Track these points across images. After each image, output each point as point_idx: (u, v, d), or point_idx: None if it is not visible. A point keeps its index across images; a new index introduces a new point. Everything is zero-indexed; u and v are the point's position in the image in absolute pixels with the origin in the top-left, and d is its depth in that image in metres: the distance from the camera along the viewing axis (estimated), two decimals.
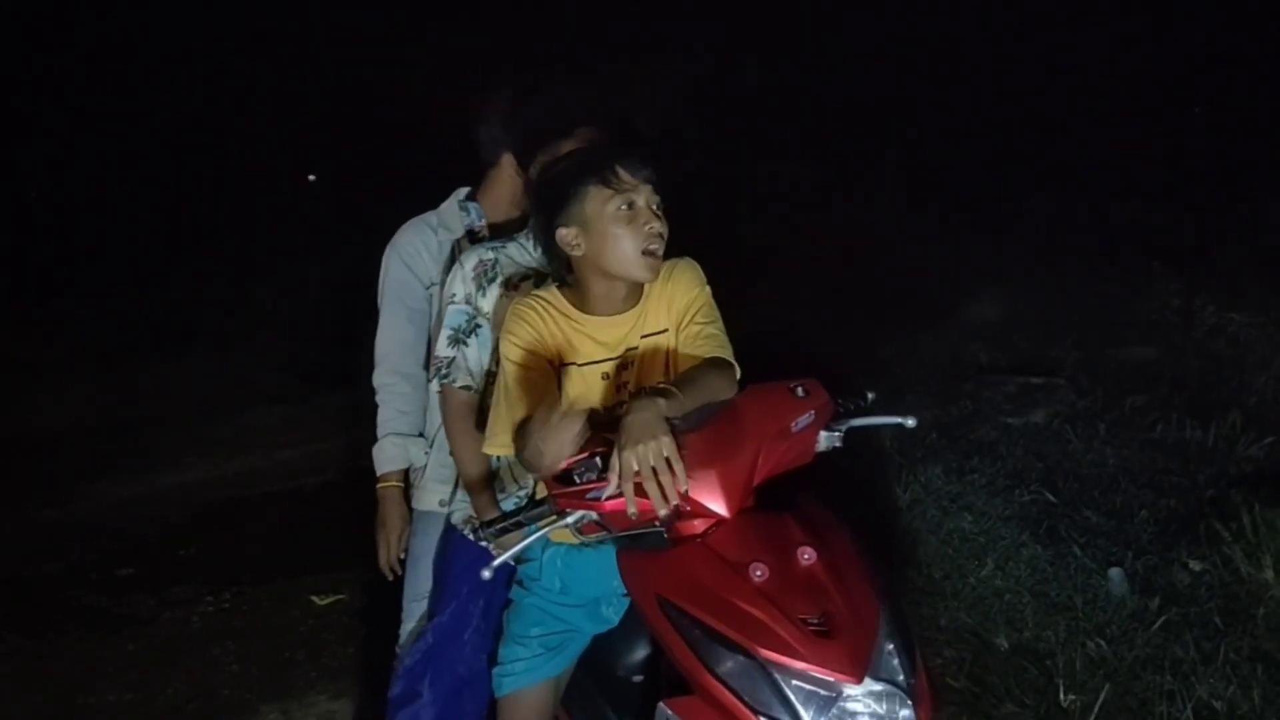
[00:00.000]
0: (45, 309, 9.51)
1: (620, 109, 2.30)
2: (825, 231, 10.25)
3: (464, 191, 2.56)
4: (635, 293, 2.03)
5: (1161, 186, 10.36)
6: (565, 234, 1.95)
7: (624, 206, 1.92)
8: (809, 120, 13.34)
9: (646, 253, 1.94)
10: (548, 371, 1.99)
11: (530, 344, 1.98)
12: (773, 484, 1.80)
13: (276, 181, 13.56)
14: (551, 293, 2.04)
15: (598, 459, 1.72)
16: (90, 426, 6.81)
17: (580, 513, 1.72)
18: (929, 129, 12.67)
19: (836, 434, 1.91)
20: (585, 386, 2.00)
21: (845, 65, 13.52)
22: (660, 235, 1.94)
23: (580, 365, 2.00)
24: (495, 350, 2.17)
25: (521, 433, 1.88)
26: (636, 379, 2.01)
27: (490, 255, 2.22)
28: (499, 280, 2.21)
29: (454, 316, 2.21)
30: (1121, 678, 3.11)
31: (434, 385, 2.26)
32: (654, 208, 1.95)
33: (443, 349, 2.21)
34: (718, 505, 1.69)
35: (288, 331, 8.94)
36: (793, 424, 1.80)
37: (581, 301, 2.02)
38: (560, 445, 1.70)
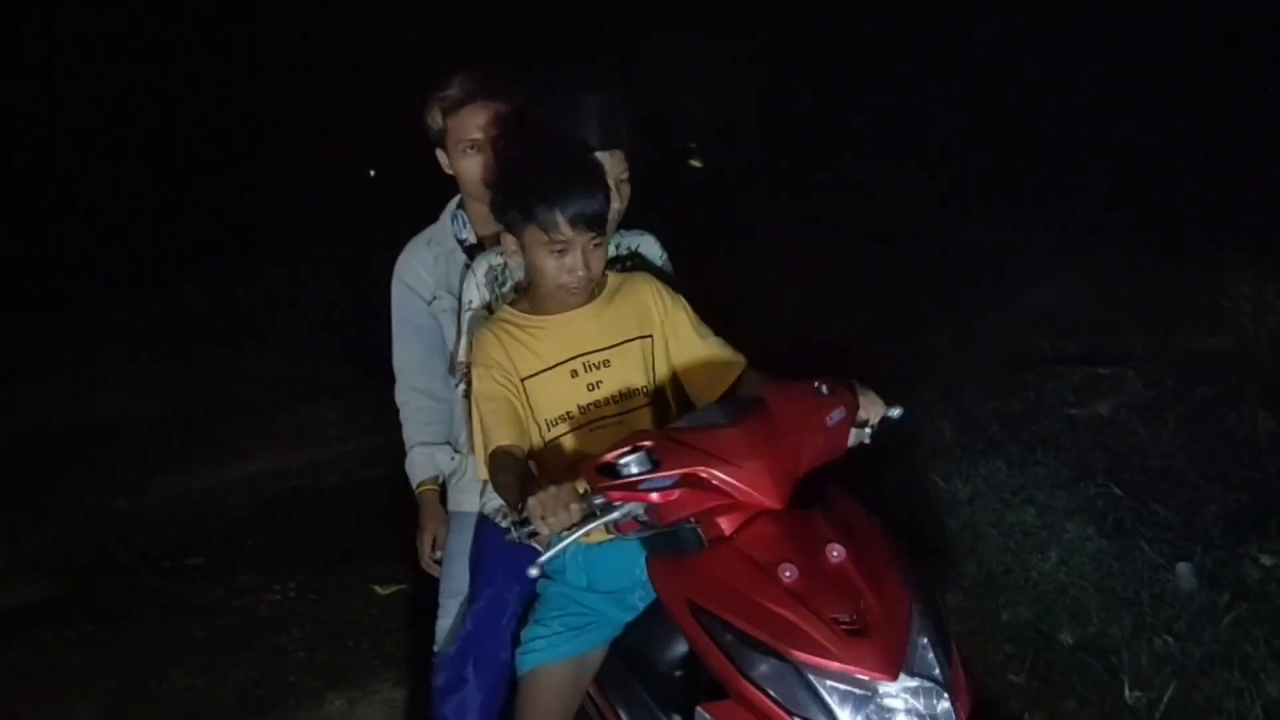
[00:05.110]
0: (111, 302, 9.72)
1: (568, 121, 2.16)
2: (878, 217, 10.10)
3: (455, 200, 2.63)
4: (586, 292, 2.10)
5: (1232, 168, 10.05)
6: (507, 240, 2.07)
7: (556, 250, 1.98)
8: (858, 105, 13.18)
9: (560, 286, 2.01)
10: (518, 393, 2.05)
11: (499, 368, 2.04)
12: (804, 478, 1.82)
13: (337, 175, 13.72)
14: (506, 311, 2.12)
15: (645, 452, 1.72)
16: (156, 418, 6.92)
17: (630, 505, 1.72)
18: (984, 109, 12.42)
19: (865, 431, 1.94)
20: (553, 389, 2.05)
21: (894, 45, 13.33)
22: (581, 276, 2.00)
23: (546, 371, 2.05)
24: None
25: (496, 464, 1.97)
26: (616, 382, 2.07)
27: (499, 260, 2.27)
28: (509, 284, 2.26)
29: (474, 322, 2.25)
30: (1188, 675, 3.05)
31: (459, 390, 2.30)
32: (588, 249, 1.99)
33: (464, 354, 2.24)
34: (768, 496, 1.70)
35: (349, 323, 9.04)
36: (827, 418, 1.83)
37: (535, 305, 2.10)
38: (561, 519, 1.70)
